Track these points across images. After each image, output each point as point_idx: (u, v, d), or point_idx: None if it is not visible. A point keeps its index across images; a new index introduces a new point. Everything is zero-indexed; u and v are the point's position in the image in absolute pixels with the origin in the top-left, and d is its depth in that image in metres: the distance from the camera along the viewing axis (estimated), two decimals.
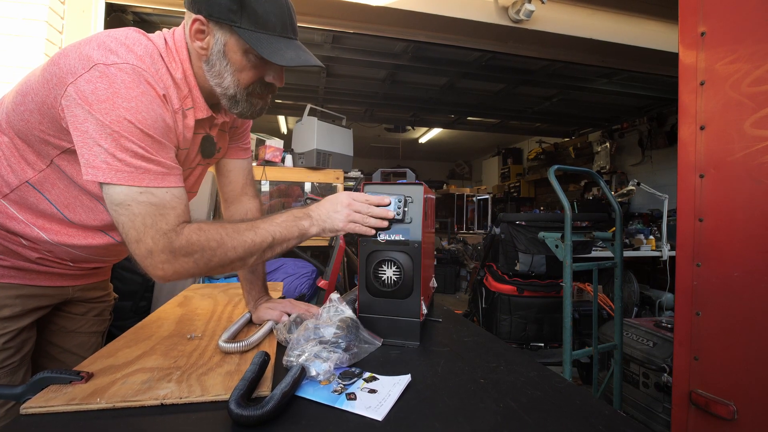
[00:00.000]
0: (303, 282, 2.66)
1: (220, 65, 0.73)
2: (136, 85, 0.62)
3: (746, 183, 0.98)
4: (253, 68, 0.74)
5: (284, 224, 0.75)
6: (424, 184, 0.84)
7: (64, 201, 0.75)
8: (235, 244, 0.69)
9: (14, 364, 0.80)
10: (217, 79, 0.74)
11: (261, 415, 0.49)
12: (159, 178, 0.65)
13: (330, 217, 0.78)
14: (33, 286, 0.82)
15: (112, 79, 0.61)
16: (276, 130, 7.39)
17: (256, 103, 0.79)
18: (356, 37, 3.12)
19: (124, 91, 0.61)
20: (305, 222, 0.77)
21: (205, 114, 0.78)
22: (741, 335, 0.98)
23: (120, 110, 0.61)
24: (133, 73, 0.63)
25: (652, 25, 3.17)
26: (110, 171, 0.61)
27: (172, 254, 0.64)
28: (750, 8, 0.99)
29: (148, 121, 0.63)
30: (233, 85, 0.74)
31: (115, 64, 0.62)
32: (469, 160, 10.97)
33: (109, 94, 0.60)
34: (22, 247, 0.78)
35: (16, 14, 1.94)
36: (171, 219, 0.65)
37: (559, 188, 1.79)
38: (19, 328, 0.80)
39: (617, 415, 0.55)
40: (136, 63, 0.63)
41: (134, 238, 0.63)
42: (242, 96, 0.76)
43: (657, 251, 3.34)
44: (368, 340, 0.78)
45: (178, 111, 0.72)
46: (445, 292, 5.66)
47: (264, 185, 3.11)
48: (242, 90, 0.75)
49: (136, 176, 0.63)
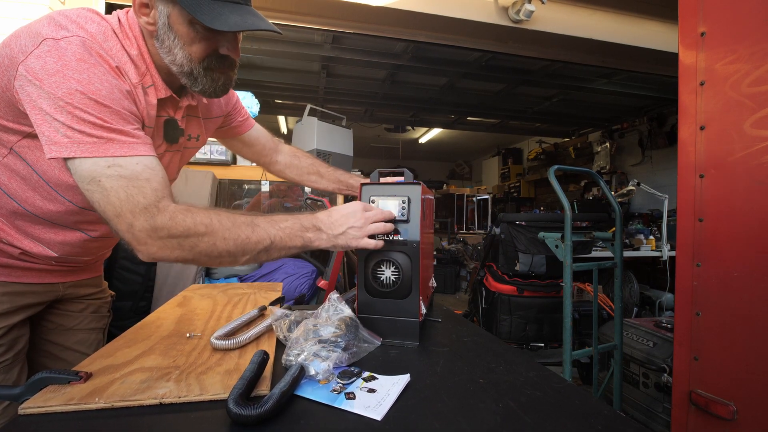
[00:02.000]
0: (303, 282, 2.66)
1: (169, 40, 0.69)
2: (86, 56, 0.60)
3: (746, 183, 0.98)
4: (203, 40, 0.69)
5: (288, 230, 0.71)
6: (422, 183, 0.84)
7: (23, 195, 0.73)
8: (227, 236, 0.65)
9: (7, 361, 0.79)
10: (170, 55, 0.70)
11: (260, 414, 0.49)
12: (126, 147, 0.62)
13: (344, 234, 0.75)
14: (20, 283, 0.81)
15: (62, 53, 0.59)
16: (276, 130, 7.40)
17: (217, 78, 0.74)
18: (356, 37, 3.12)
19: (75, 63, 0.59)
20: (311, 234, 0.73)
21: (164, 94, 0.74)
22: (741, 335, 0.98)
23: (71, 82, 0.59)
24: (82, 46, 0.61)
25: (652, 25, 3.17)
26: (72, 144, 0.59)
27: (154, 231, 0.61)
28: (750, 8, 0.99)
29: (102, 92, 0.61)
30: (186, 60, 0.70)
31: (65, 38, 0.60)
32: (469, 160, 10.97)
33: (58, 67, 0.58)
34: (2, 244, 0.76)
35: (16, 14, 1.95)
36: (148, 192, 0.62)
37: (559, 188, 1.79)
38: (8, 325, 0.79)
39: (617, 415, 0.55)
40: (86, 36, 0.62)
41: (112, 213, 0.61)
42: (199, 71, 0.71)
43: (657, 251, 3.34)
44: (367, 340, 0.78)
45: (137, 86, 0.68)
46: (445, 292, 5.66)
47: (264, 185, 3.11)
48: (197, 65, 0.71)
49: (100, 146, 0.60)
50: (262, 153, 1.15)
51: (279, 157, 1.18)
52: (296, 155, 1.20)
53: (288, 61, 4.08)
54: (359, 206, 0.77)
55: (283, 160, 1.18)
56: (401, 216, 0.81)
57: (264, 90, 4.86)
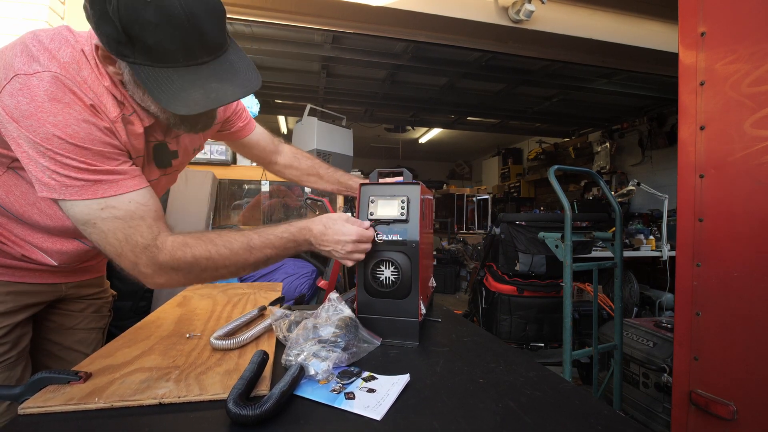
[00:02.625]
0: (303, 282, 2.66)
1: (139, 94, 0.65)
2: (60, 95, 0.57)
3: (746, 183, 0.98)
4: None
5: (282, 246, 0.76)
6: (421, 183, 0.84)
7: (19, 209, 0.72)
8: (227, 264, 0.70)
9: (11, 359, 0.80)
10: (143, 104, 0.67)
11: (259, 414, 0.49)
12: (114, 186, 0.62)
13: (335, 250, 0.78)
14: (23, 283, 0.81)
15: (34, 92, 0.56)
16: (276, 130, 7.38)
17: (195, 123, 0.70)
18: (356, 37, 3.12)
19: (48, 105, 0.57)
20: (304, 247, 0.79)
21: (148, 122, 0.70)
22: (741, 335, 0.98)
23: (47, 126, 0.56)
24: (55, 83, 0.57)
25: (652, 25, 3.17)
26: (61, 187, 0.59)
27: (158, 268, 0.64)
28: (750, 8, 0.99)
29: (80, 134, 0.58)
30: (161, 112, 0.67)
31: (37, 74, 0.57)
32: (469, 160, 10.97)
33: (32, 109, 0.56)
34: (4, 245, 0.77)
35: (16, 14, 1.94)
36: (144, 231, 0.63)
37: (559, 188, 1.79)
38: (12, 323, 0.80)
39: (617, 415, 0.55)
40: (57, 71, 0.58)
41: (114, 253, 0.63)
42: (175, 121, 0.69)
43: (657, 251, 3.34)
44: (367, 340, 0.78)
45: (117, 119, 0.65)
46: (445, 292, 5.66)
47: (264, 185, 3.11)
48: (171, 117, 0.68)
49: (89, 189, 0.60)
50: (261, 155, 1.16)
51: (279, 158, 1.18)
52: (296, 156, 1.20)
53: (288, 61, 4.08)
54: (355, 235, 0.78)
55: (282, 161, 1.19)
56: (401, 216, 0.81)
57: (264, 90, 4.86)
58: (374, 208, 0.83)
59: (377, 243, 0.82)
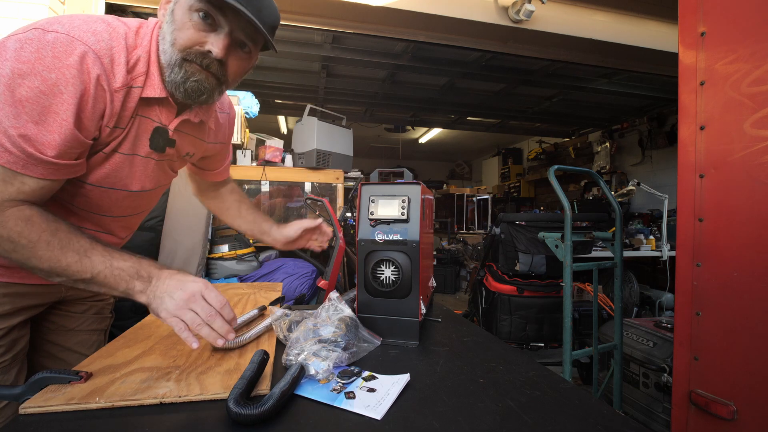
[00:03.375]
0: (303, 282, 2.66)
1: (167, 27, 0.69)
2: (64, 55, 0.59)
3: (746, 183, 0.98)
4: (193, 27, 0.68)
5: (118, 271, 0.65)
6: (421, 183, 0.84)
7: None
8: (47, 257, 0.62)
9: (5, 363, 0.78)
10: (162, 43, 0.70)
11: (260, 413, 0.49)
12: (20, 163, 0.60)
13: (163, 299, 0.65)
14: (21, 284, 0.79)
15: (41, 44, 0.58)
16: (276, 130, 7.39)
17: (190, 72, 0.70)
18: (356, 37, 3.12)
19: (50, 58, 0.58)
20: (140, 284, 0.65)
21: (157, 93, 0.71)
22: (741, 335, 0.98)
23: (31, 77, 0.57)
24: (67, 43, 0.59)
25: (652, 25, 3.17)
26: None
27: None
28: (750, 8, 0.99)
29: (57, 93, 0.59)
30: (169, 45, 0.69)
31: (54, 32, 0.59)
32: (469, 160, 10.97)
33: (28, 56, 0.57)
34: None
35: (16, 14, 1.95)
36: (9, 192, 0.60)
37: (559, 188, 1.79)
38: (8, 326, 0.78)
39: (617, 415, 0.55)
40: (77, 35, 0.60)
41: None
42: (176, 59, 0.69)
43: (657, 251, 3.34)
44: (367, 339, 0.78)
45: (119, 89, 0.67)
46: (445, 292, 5.66)
47: (264, 185, 3.11)
48: (177, 52, 0.69)
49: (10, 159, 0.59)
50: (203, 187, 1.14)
51: (210, 192, 1.13)
52: (231, 191, 1.15)
53: (288, 61, 4.08)
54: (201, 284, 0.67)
55: (211, 194, 1.14)
56: (401, 216, 0.81)
57: (264, 90, 4.86)
58: (375, 208, 0.83)
59: (378, 242, 0.82)
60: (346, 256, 3.05)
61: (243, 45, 0.73)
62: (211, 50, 0.69)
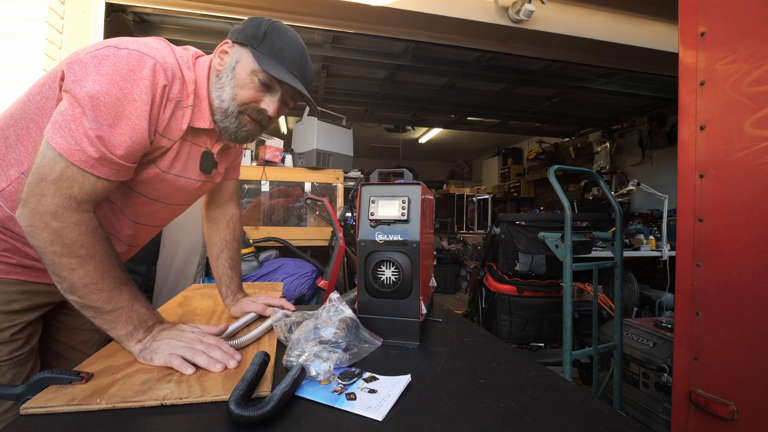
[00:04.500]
0: (303, 282, 2.66)
1: (226, 78, 0.79)
2: (138, 68, 0.66)
3: (746, 183, 0.98)
4: (253, 89, 0.79)
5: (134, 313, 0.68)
6: (422, 183, 0.84)
7: None
8: (90, 275, 0.64)
9: (23, 355, 0.82)
10: (219, 91, 0.79)
11: (261, 415, 0.49)
12: (89, 164, 0.65)
13: (160, 345, 0.67)
14: (39, 283, 0.84)
15: (117, 58, 0.66)
16: (276, 130, 7.39)
17: (244, 123, 0.82)
18: (356, 37, 3.12)
19: (126, 70, 0.65)
20: (142, 333, 0.68)
21: (207, 125, 0.81)
22: (741, 335, 0.98)
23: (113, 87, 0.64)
24: (139, 58, 0.67)
25: (652, 25, 3.17)
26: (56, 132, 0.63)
27: (51, 216, 0.62)
28: (750, 8, 0.99)
29: (130, 103, 0.66)
30: (229, 97, 0.79)
31: (126, 49, 0.67)
32: (469, 160, 10.97)
33: (107, 69, 0.64)
34: (28, 246, 0.79)
35: (16, 14, 1.94)
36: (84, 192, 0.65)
37: (559, 188, 1.79)
38: (26, 321, 0.82)
39: (617, 415, 0.55)
40: (145, 51, 0.68)
41: (41, 175, 0.63)
42: (233, 111, 0.80)
43: (657, 251, 3.34)
44: (368, 340, 0.78)
45: (172, 100, 0.74)
46: (445, 292, 5.66)
47: (264, 185, 3.11)
48: (235, 106, 0.79)
49: (71, 149, 0.63)
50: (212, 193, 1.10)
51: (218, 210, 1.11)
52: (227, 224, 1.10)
53: None
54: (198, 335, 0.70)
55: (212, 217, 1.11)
56: (401, 216, 0.81)
57: None
58: (375, 209, 0.83)
59: (378, 243, 0.82)
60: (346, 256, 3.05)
61: (286, 103, 0.86)
62: (266, 109, 0.81)
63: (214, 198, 1.11)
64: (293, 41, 0.82)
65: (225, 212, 1.11)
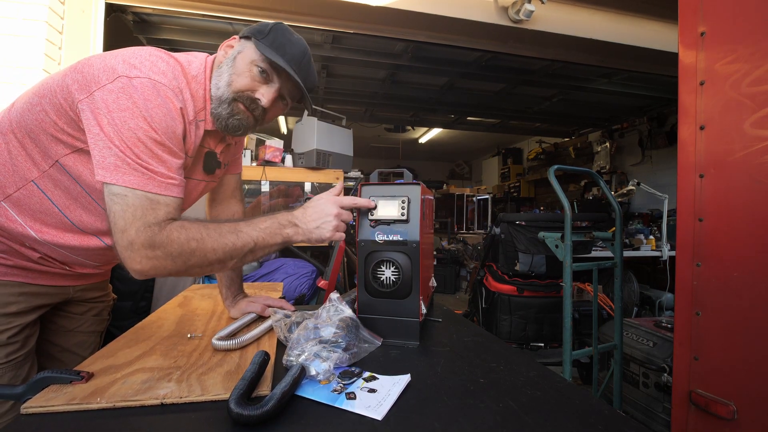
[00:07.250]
0: (303, 282, 2.66)
1: (226, 67, 0.80)
2: (154, 96, 0.67)
3: (746, 183, 0.98)
4: (250, 77, 0.79)
5: (268, 230, 0.75)
6: (421, 183, 0.84)
7: (64, 202, 0.77)
8: (216, 246, 0.70)
9: (20, 357, 0.82)
10: (217, 79, 0.80)
11: (261, 414, 0.49)
12: (163, 186, 0.68)
13: (318, 228, 0.78)
14: (36, 284, 0.84)
15: (133, 90, 0.66)
16: (276, 130, 7.39)
17: (236, 111, 0.81)
18: (356, 37, 3.12)
19: (142, 102, 0.66)
20: (290, 230, 0.77)
21: (211, 126, 0.82)
22: (741, 335, 0.98)
23: (137, 119, 0.65)
24: (152, 87, 0.67)
25: (652, 25, 3.17)
26: (117, 173, 0.64)
27: (151, 248, 0.65)
28: (750, 8, 0.99)
29: (161, 129, 0.68)
30: (225, 84, 0.79)
31: (138, 78, 0.67)
32: (469, 160, 10.97)
33: (129, 104, 0.65)
34: (24, 248, 0.79)
35: (16, 14, 1.94)
36: (160, 214, 0.67)
37: (559, 188, 1.79)
38: (23, 323, 0.82)
39: (617, 414, 0.55)
40: (156, 78, 0.68)
41: (121, 227, 0.65)
42: (227, 97, 0.79)
43: (657, 251, 3.34)
44: (368, 340, 0.78)
45: (192, 122, 0.77)
46: (445, 292, 5.66)
47: (264, 185, 3.11)
48: (230, 92, 0.79)
49: (141, 180, 0.66)
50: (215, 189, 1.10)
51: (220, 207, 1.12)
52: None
53: None
54: (332, 202, 0.80)
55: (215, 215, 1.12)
56: (401, 216, 0.81)
57: None
58: (375, 209, 0.83)
59: (378, 243, 0.82)
60: (346, 255, 3.05)
61: (284, 98, 0.86)
62: (260, 99, 0.80)
63: (217, 195, 1.11)
64: (298, 41, 0.83)
65: (228, 210, 1.11)
